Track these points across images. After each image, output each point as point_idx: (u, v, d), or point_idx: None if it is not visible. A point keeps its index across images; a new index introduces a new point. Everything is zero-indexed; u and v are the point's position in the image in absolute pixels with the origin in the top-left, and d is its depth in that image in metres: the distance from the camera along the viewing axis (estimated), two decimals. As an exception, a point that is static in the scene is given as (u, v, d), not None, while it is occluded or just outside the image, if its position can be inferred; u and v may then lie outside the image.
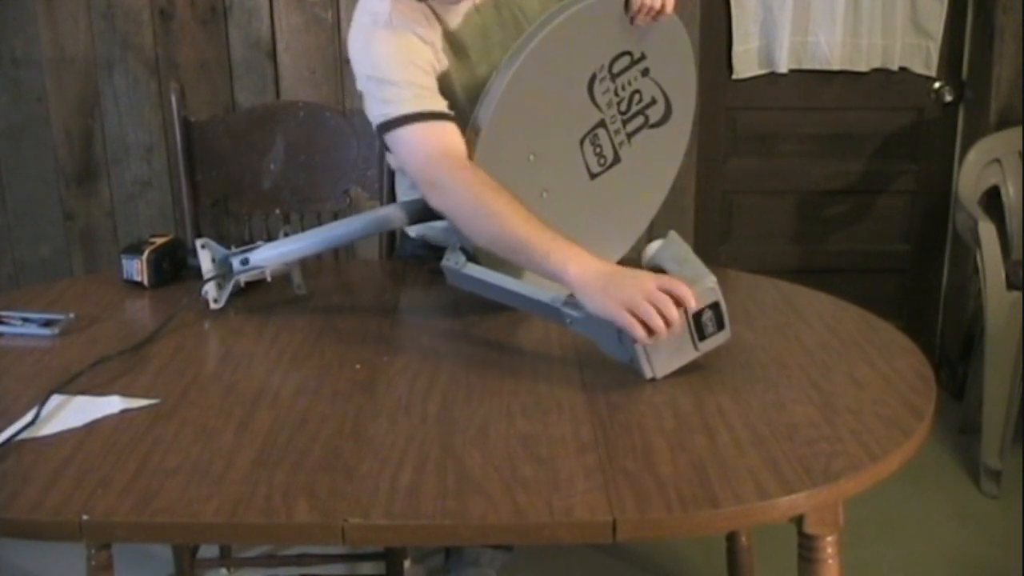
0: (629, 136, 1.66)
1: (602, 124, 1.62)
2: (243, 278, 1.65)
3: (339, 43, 2.74)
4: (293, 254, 1.66)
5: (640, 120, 1.67)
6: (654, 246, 1.48)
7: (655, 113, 1.69)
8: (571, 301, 1.41)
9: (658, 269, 1.43)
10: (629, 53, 1.61)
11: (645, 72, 1.63)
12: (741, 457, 1.17)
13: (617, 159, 1.66)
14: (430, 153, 1.50)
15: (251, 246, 1.66)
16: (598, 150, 1.64)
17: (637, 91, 1.64)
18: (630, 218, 1.80)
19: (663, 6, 1.58)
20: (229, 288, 1.64)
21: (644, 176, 1.74)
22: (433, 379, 1.40)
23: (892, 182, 3.09)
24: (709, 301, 1.36)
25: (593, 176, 1.65)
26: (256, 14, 2.74)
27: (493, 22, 1.66)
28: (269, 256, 1.65)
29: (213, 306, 1.62)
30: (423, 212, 1.68)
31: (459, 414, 1.29)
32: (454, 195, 1.48)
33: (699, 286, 1.35)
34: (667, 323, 1.30)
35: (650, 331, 1.30)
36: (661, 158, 1.77)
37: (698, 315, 1.35)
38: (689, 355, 1.37)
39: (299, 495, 1.09)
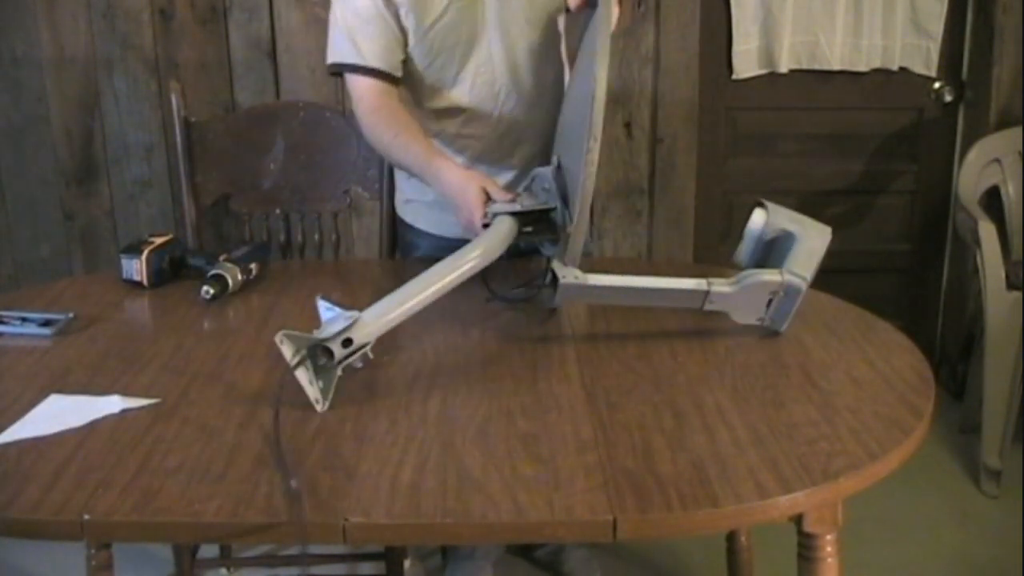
0: None
1: None
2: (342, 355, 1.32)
3: (339, 43, 2.73)
4: (402, 317, 1.40)
5: None
6: (759, 218, 1.54)
7: None
8: (715, 283, 1.49)
9: (782, 231, 1.53)
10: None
11: None
12: (741, 456, 1.17)
13: None
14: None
15: (347, 323, 1.32)
16: None
17: None
18: None
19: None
20: (335, 380, 1.32)
21: None
22: (433, 379, 1.40)
23: (892, 182, 3.09)
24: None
25: None
26: (256, 14, 2.74)
27: None
28: (376, 328, 1.36)
29: (319, 408, 1.30)
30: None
31: (459, 414, 1.29)
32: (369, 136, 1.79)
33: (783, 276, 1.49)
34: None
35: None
36: None
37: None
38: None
39: (295, 496, 1.09)
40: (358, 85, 1.75)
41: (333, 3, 1.76)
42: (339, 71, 1.77)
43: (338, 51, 1.76)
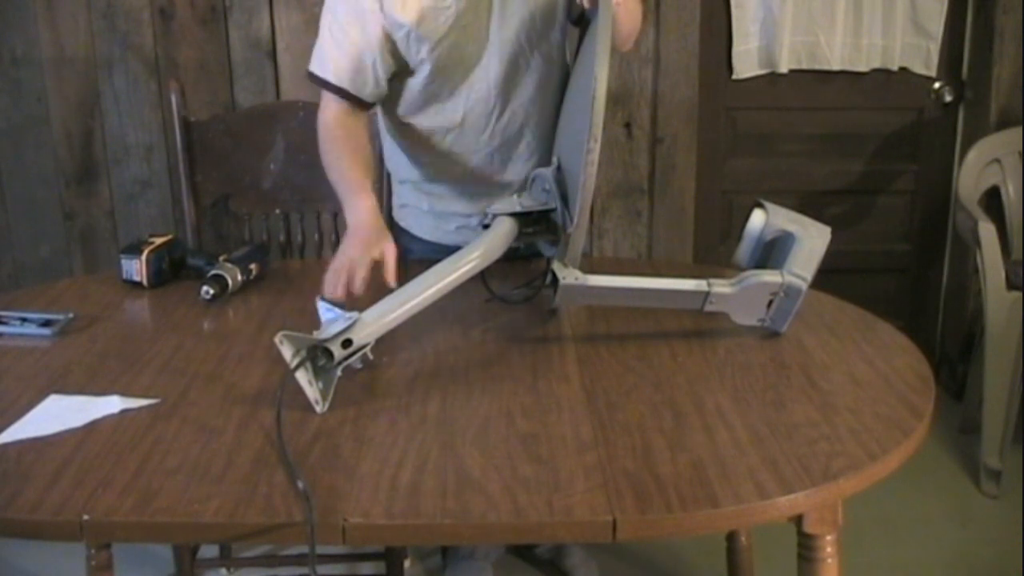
0: None
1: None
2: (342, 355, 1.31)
3: (339, 43, 2.73)
4: (402, 317, 1.39)
5: None
6: (758, 218, 1.52)
7: None
8: (715, 284, 1.48)
9: (781, 232, 1.52)
10: None
11: None
12: (741, 457, 1.17)
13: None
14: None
15: (347, 324, 1.32)
16: None
17: None
18: None
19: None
20: (335, 381, 1.32)
21: None
22: (433, 379, 1.40)
23: (892, 182, 3.09)
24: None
25: None
26: (256, 14, 2.74)
27: None
28: (376, 329, 1.35)
29: (318, 409, 1.29)
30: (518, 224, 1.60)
31: (459, 414, 1.29)
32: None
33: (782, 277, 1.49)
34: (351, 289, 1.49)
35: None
36: None
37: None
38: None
39: (299, 495, 1.09)
40: (325, 98, 1.79)
41: (324, 10, 1.76)
42: (313, 80, 1.78)
43: (316, 61, 1.77)
